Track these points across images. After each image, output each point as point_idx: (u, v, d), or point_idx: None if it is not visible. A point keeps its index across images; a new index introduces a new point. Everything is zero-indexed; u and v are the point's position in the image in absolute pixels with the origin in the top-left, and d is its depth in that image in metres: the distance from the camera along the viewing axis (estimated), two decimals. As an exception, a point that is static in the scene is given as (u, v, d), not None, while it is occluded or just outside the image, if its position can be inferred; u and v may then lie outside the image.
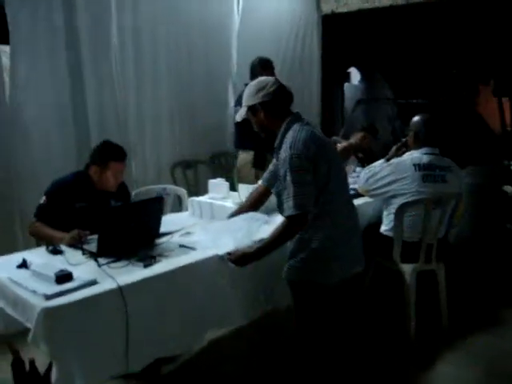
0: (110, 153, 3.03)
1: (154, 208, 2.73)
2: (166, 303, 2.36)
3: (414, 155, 3.39)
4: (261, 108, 2.49)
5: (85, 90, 4.11)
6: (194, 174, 4.98)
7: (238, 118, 2.63)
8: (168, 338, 2.38)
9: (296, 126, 2.43)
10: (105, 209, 2.52)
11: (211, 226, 2.91)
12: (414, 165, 3.30)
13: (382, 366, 3.13)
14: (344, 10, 6.35)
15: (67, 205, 2.93)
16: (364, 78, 10.80)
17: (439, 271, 3.48)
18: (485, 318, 3.74)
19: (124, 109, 4.43)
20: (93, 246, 2.59)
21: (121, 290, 2.17)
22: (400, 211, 3.25)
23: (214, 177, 5.20)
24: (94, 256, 2.51)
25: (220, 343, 2.64)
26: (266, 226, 2.72)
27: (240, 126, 4.53)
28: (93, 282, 2.20)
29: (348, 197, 2.58)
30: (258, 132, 2.59)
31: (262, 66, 4.56)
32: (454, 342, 3.44)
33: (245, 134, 4.41)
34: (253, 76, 4.54)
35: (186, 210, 3.51)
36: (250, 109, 2.53)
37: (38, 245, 3.05)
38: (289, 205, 2.30)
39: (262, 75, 4.44)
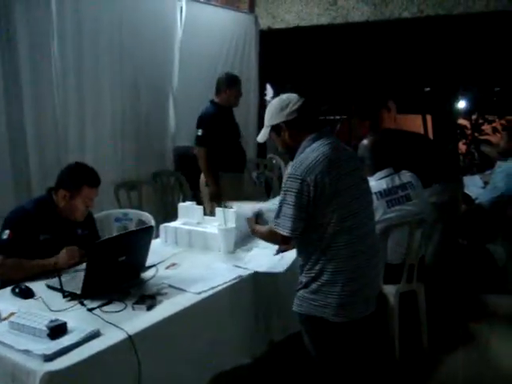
0: (85, 176, 2.66)
1: (144, 239, 2.40)
2: (176, 349, 2.05)
3: (371, 183, 3.25)
4: (285, 127, 2.29)
5: (22, 105, 3.70)
6: (138, 195, 4.61)
7: (261, 139, 2.40)
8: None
9: (314, 145, 2.23)
10: (92, 243, 2.16)
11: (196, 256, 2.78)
12: (375, 193, 3.17)
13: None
14: (282, 26, 6.29)
15: (31, 237, 2.52)
16: (276, 94, 10.81)
17: (419, 291, 3.41)
18: (459, 333, 3.75)
19: (64, 126, 4.04)
20: (73, 286, 2.22)
21: (132, 341, 1.83)
22: (383, 235, 3.14)
23: (157, 197, 4.96)
24: (79, 298, 2.14)
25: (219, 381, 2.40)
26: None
27: None
28: (96, 334, 1.84)
29: (368, 230, 2.31)
30: (283, 152, 2.37)
31: (228, 84, 4.40)
32: (436, 360, 3.41)
33: None
34: (217, 92, 4.37)
35: (154, 236, 3.18)
36: (274, 128, 2.33)
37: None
38: (276, 221, 2.23)
39: (225, 93, 4.40)
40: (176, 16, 5.04)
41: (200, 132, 4.29)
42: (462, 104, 10.70)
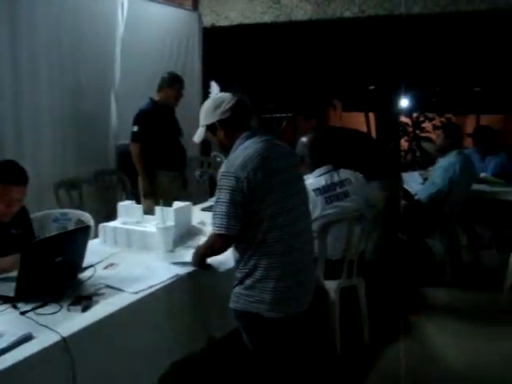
0: (5, 172, 2.53)
1: (81, 239, 2.35)
2: (113, 350, 2.02)
3: (310, 180, 3.32)
4: (220, 126, 2.31)
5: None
6: (78, 195, 4.52)
7: (197, 139, 2.40)
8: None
9: (248, 143, 2.25)
10: (26, 243, 2.11)
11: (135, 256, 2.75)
12: (314, 190, 3.25)
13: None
14: (225, 23, 6.28)
15: None
16: (222, 92, 10.77)
17: (360, 286, 3.48)
18: (399, 326, 3.83)
19: (0, 124, 3.92)
20: (6, 289, 2.15)
21: (66, 343, 1.79)
22: (323, 231, 3.20)
23: (99, 197, 4.87)
24: (11, 301, 2.08)
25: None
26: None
27: None
28: (28, 337, 1.79)
29: (303, 227, 2.34)
30: (220, 151, 2.38)
31: (168, 84, 4.51)
32: (376, 353, 3.49)
33: None
34: (158, 90, 4.49)
35: (93, 236, 3.13)
36: (209, 128, 2.35)
37: None
38: (213, 221, 2.24)
39: (165, 92, 4.42)
40: (117, 12, 4.95)
41: (136, 128, 4.36)
42: (404, 102, 11.00)
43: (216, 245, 2.33)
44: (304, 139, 3.46)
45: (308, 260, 2.36)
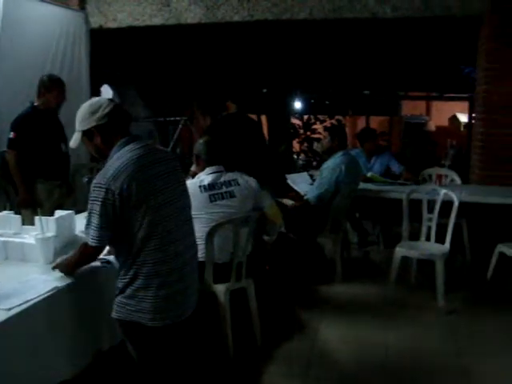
0: None
1: None
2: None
3: (200, 178, 3.40)
4: (96, 132, 2.24)
5: None
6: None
7: (73, 144, 2.33)
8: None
9: (122, 151, 2.20)
10: None
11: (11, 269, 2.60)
12: (200, 187, 3.31)
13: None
14: (114, 25, 6.13)
15: None
16: (117, 96, 10.61)
17: (249, 288, 3.53)
18: (292, 325, 3.93)
19: None
20: None
21: None
22: (208, 235, 3.21)
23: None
24: None
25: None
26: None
27: None
28: None
29: (184, 232, 2.33)
30: (97, 157, 2.30)
31: (47, 87, 4.29)
32: (269, 353, 3.53)
33: None
34: (38, 94, 4.27)
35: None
36: (86, 133, 2.26)
37: None
38: (85, 231, 2.21)
39: (44, 96, 4.23)
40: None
41: (11, 134, 4.18)
42: (297, 105, 11.33)
43: (86, 254, 2.31)
44: (201, 140, 3.51)
45: (190, 266, 2.35)
